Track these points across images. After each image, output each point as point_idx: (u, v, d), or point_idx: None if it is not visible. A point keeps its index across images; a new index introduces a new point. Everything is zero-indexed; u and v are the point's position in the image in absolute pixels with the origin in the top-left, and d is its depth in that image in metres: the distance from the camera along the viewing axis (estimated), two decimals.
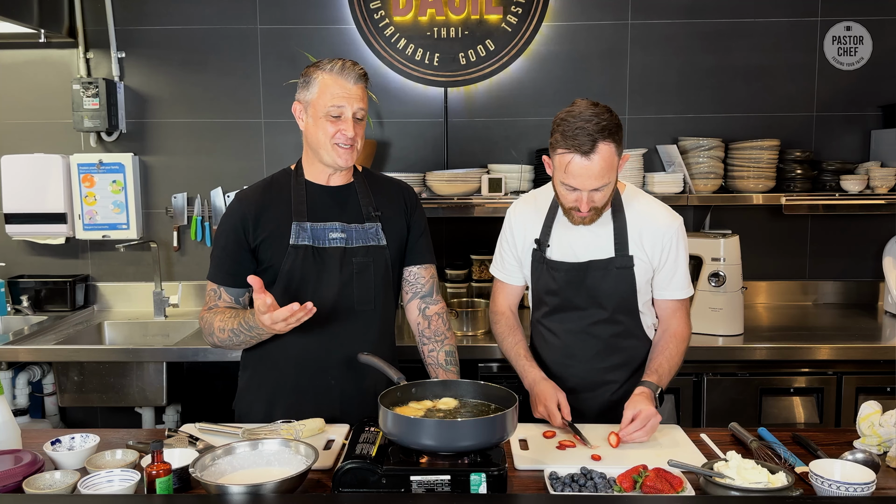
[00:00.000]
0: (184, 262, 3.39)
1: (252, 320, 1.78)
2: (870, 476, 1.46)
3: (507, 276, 2.12)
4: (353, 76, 1.85)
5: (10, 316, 3.24)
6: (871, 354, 2.71)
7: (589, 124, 1.73)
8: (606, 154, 1.75)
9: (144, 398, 2.80)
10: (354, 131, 1.86)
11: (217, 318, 1.88)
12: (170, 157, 3.35)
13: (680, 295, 1.99)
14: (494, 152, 3.31)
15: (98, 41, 3.28)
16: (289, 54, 3.26)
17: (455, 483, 1.46)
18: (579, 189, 1.80)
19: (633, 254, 1.92)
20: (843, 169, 3.10)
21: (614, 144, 1.77)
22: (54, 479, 1.52)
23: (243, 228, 1.90)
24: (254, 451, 1.58)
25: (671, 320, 2.00)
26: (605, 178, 1.78)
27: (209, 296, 1.96)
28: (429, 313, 2.05)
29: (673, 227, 1.93)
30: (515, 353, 2.04)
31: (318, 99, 1.85)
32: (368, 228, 1.94)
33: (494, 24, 3.23)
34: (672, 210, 1.98)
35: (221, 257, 1.94)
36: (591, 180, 1.77)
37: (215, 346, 1.94)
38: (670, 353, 1.92)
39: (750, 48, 3.25)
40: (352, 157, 1.89)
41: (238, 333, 1.84)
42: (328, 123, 1.85)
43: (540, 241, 1.99)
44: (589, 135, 1.73)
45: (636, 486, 1.47)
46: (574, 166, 1.77)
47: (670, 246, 1.93)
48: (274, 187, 1.97)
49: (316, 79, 1.86)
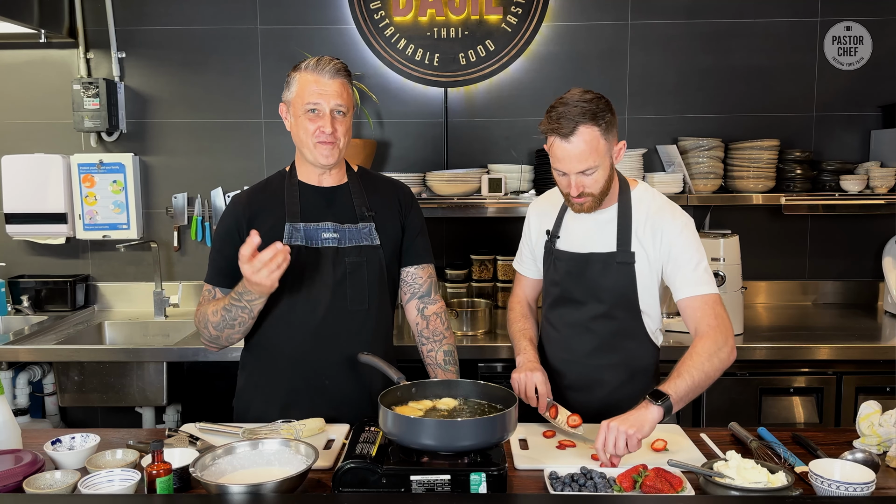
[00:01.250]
0: (184, 262, 3.39)
1: (241, 286, 1.78)
2: (869, 476, 1.46)
3: (523, 267, 2.16)
4: (329, 71, 1.84)
5: (11, 316, 3.24)
6: (870, 354, 2.71)
7: (573, 109, 1.78)
8: (588, 137, 1.78)
9: (144, 398, 2.80)
10: (334, 127, 1.84)
11: (210, 305, 1.89)
12: (170, 157, 3.35)
13: (696, 291, 1.83)
14: (494, 152, 3.31)
15: (98, 41, 3.28)
16: (289, 54, 3.26)
17: (455, 483, 1.46)
18: (567, 173, 1.84)
19: (635, 250, 1.91)
20: (843, 169, 3.10)
21: (598, 128, 1.79)
22: (54, 478, 1.52)
23: (238, 231, 1.91)
24: (254, 451, 1.58)
25: (699, 324, 1.82)
26: (589, 161, 1.80)
27: (204, 297, 1.96)
28: (427, 313, 2.05)
29: (675, 224, 1.88)
30: (520, 334, 2.06)
31: (296, 97, 1.86)
32: (362, 228, 1.94)
33: (494, 24, 3.23)
34: (681, 209, 1.94)
35: (217, 260, 1.95)
36: (573, 163, 1.80)
37: (210, 340, 1.91)
38: (691, 363, 1.72)
39: (750, 48, 3.25)
40: (334, 155, 1.88)
41: (230, 309, 1.82)
42: (308, 121, 1.85)
43: (551, 233, 2.03)
44: (570, 119, 1.77)
45: (636, 486, 1.47)
46: (556, 149, 1.83)
47: (676, 242, 1.87)
48: (269, 189, 1.98)
49: (295, 77, 1.87)
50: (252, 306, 1.82)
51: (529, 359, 1.95)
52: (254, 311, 1.83)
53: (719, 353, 1.74)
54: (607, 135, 1.81)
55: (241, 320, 1.85)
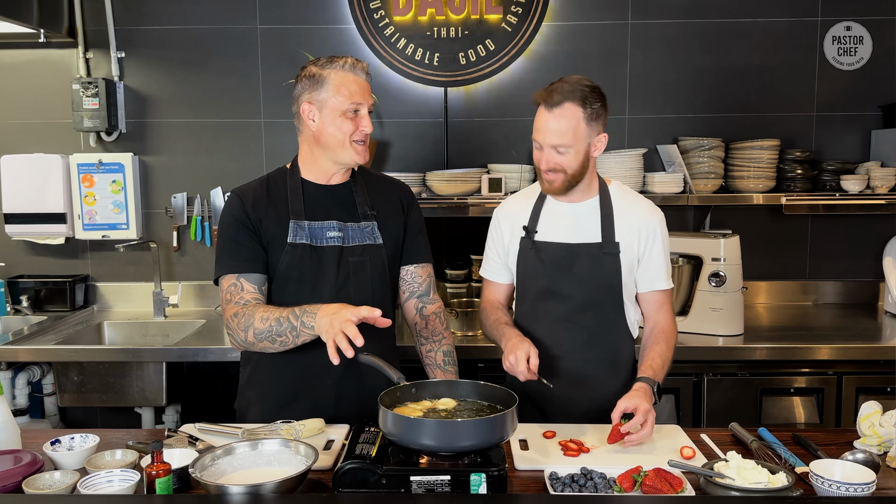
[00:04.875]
0: (183, 262, 3.39)
1: (305, 315, 1.72)
2: (870, 476, 1.46)
3: (493, 274, 2.14)
4: (363, 71, 1.89)
5: (10, 316, 3.23)
6: (871, 354, 2.71)
7: (566, 87, 1.86)
8: (570, 114, 1.84)
9: (144, 398, 2.80)
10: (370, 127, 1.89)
11: (260, 310, 1.80)
12: (170, 157, 3.35)
13: (664, 285, 2.02)
14: (494, 152, 3.30)
15: (98, 41, 3.28)
16: (289, 54, 3.26)
17: (455, 483, 1.46)
18: (542, 145, 1.89)
19: (619, 241, 1.96)
20: (843, 169, 3.10)
21: (582, 110, 1.85)
22: (54, 479, 1.52)
23: (248, 218, 1.88)
24: (254, 452, 1.58)
25: (658, 315, 2.02)
26: (564, 138, 1.85)
27: (230, 292, 1.86)
28: (426, 313, 2.05)
29: (655, 218, 2.00)
30: (497, 323, 2.01)
31: (333, 97, 1.84)
32: (364, 227, 1.94)
33: (494, 23, 3.23)
34: (654, 204, 2.04)
35: (232, 248, 1.88)
36: (549, 135, 1.86)
37: (242, 344, 1.83)
38: (661, 350, 1.94)
39: (750, 48, 3.25)
40: (366, 154, 1.91)
41: (281, 322, 1.75)
42: (347, 121, 1.85)
43: (528, 228, 2.03)
44: (560, 93, 1.85)
45: (636, 486, 1.47)
46: (539, 118, 1.89)
47: (653, 236, 1.98)
48: (271, 185, 1.96)
49: (327, 77, 1.85)
50: (301, 336, 1.75)
51: (512, 336, 1.88)
52: (298, 340, 1.77)
53: (675, 345, 2.00)
54: (590, 122, 1.87)
55: (283, 340, 1.78)
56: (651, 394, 1.82)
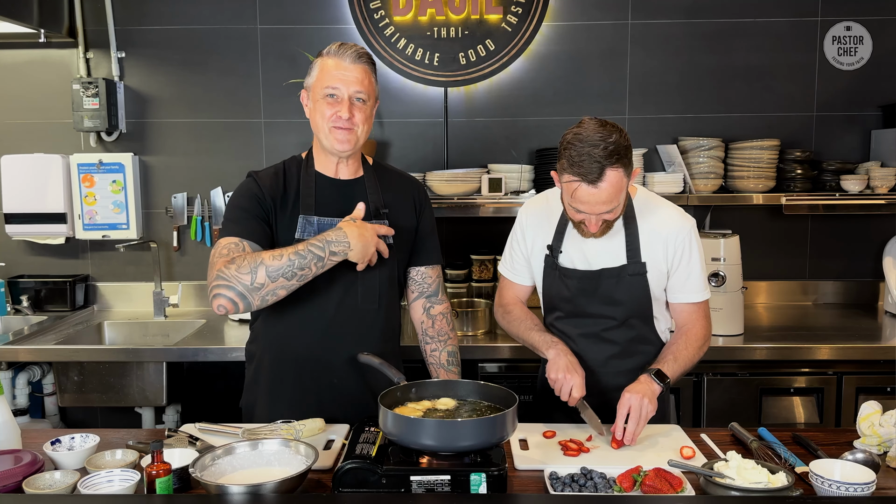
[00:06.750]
0: (184, 262, 3.39)
1: (328, 244, 1.69)
2: (870, 476, 1.46)
3: (516, 275, 2.08)
4: (350, 56, 1.82)
5: (10, 316, 3.24)
6: (871, 354, 2.71)
7: (596, 150, 1.67)
8: (614, 180, 1.69)
9: (144, 398, 2.80)
10: (351, 113, 1.81)
11: (264, 252, 1.71)
12: (170, 157, 3.35)
13: (695, 298, 1.94)
14: (494, 152, 3.31)
15: (98, 41, 3.28)
16: (289, 54, 3.26)
17: (455, 483, 1.46)
18: (588, 213, 1.77)
19: (645, 260, 1.89)
20: (843, 169, 3.10)
21: (622, 168, 1.70)
22: (54, 479, 1.52)
23: (264, 198, 1.85)
24: (254, 451, 1.58)
25: (687, 325, 1.95)
26: (615, 202, 1.74)
27: (228, 248, 1.74)
28: (433, 312, 2.05)
29: (685, 229, 1.90)
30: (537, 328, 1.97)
31: (316, 82, 1.84)
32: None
33: (494, 24, 3.23)
34: (684, 212, 1.95)
35: (242, 217, 1.81)
36: (599, 206, 1.73)
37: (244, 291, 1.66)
38: (678, 347, 1.89)
39: (750, 48, 3.25)
40: (350, 141, 1.84)
41: (304, 255, 1.68)
42: (326, 106, 1.82)
43: (552, 248, 1.96)
44: (596, 162, 1.67)
45: (636, 486, 1.47)
46: (581, 194, 1.72)
47: (683, 249, 1.90)
48: (287, 175, 1.92)
49: (317, 63, 1.86)
50: (329, 262, 1.70)
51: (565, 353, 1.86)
52: (323, 268, 1.71)
53: (704, 347, 1.93)
54: (628, 169, 1.73)
55: (304, 274, 1.69)
56: (650, 379, 1.80)
